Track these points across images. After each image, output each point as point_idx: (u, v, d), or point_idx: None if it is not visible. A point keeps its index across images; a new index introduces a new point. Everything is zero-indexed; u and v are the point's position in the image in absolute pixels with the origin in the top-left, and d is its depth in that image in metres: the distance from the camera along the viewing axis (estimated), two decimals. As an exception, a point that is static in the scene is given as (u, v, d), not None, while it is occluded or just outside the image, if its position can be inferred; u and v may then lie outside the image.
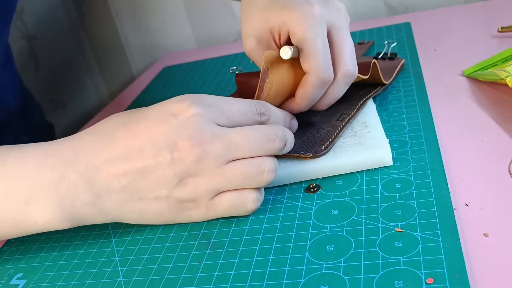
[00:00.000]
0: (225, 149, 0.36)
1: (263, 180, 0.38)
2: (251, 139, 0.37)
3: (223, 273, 0.35)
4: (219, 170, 0.37)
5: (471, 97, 0.50)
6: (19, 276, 0.40)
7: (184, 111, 0.37)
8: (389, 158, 0.41)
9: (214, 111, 0.37)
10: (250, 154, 0.37)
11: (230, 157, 0.37)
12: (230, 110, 0.38)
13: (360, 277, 0.31)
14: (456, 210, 0.35)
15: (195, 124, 0.36)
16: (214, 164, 0.36)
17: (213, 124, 0.37)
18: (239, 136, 0.37)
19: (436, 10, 0.78)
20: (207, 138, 0.36)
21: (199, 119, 0.36)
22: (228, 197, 0.38)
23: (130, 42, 1.03)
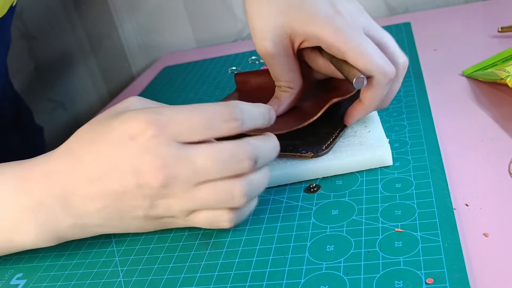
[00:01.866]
0: (192, 174, 0.34)
1: (235, 205, 0.36)
2: (219, 163, 0.34)
3: (223, 273, 0.35)
4: (188, 194, 0.35)
5: (471, 97, 0.50)
6: (19, 276, 0.40)
7: (141, 134, 0.34)
8: (389, 158, 0.41)
9: (172, 129, 0.34)
10: (220, 174, 0.35)
11: (198, 180, 0.35)
12: (190, 125, 0.35)
13: (360, 277, 0.31)
14: (456, 210, 0.35)
15: (155, 148, 0.34)
16: (182, 188, 0.35)
17: (174, 143, 0.34)
18: (205, 160, 0.34)
19: (436, 10, 0.78)
20: (170, 162, 0.34)
21: (157, 141, 0.34)
22: (203, 215, 0.37)
23: (130, 42, 1.03)
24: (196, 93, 0.70)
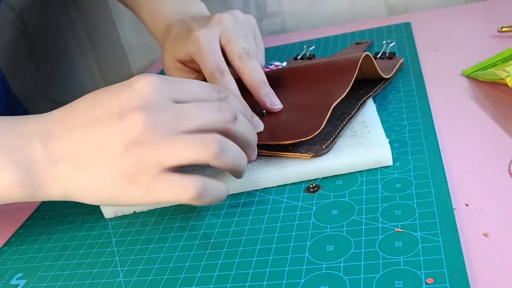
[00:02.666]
0: (175, 119, 0.36)
1: (206, 153, 0.36)
2: (202, 109, 0.37)
3: (223, 273, 0.35)
4: (165, 139, 0.36)
5: (471, 97, 0.50)
6: (19, 276, 0.40)
7: (141, 82, 0.37)
8: (389, 158, 0.41)
9: (171, 86, 0.38)
10: (200, 124, 0.37)
11: (180, 127, 0.36)
12: (188, 85, 0.39)
13: (360, 277, 0.31)
14: (456, 210, 0.35)
15: (149, 94, 0.37)
16: (162, 133, 0.36)
17: (168, 97, 0.37)
18: (191, 107, 0.37)
19: (436, 10, 0.78)
20: (159, 107, 0.36)
21: (153, 89, 0.37)
22: (167, 177, 0.36)
23: (130, 42, 1.03)
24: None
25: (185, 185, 0.36)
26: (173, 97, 0.38)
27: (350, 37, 0.74)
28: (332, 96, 0.46)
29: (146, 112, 0.36)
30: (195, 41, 0.51)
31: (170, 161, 0.36)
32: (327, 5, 0.87)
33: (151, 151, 0.36)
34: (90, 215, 0.46)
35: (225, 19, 0.53)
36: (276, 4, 0.89)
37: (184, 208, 0.43)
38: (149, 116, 0.36)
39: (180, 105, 0.37)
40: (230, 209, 0.41)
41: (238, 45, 0.51)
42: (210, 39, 0.51)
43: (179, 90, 0.38)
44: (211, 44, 0.51)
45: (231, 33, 0.52)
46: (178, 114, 0.37)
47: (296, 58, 0.68)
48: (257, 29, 0.57)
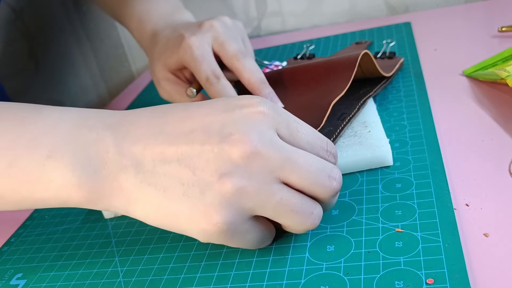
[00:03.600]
0: (280, 164, 0.31)
1: (306, 224, 0.33)
2: (312, 166, 0.32)
3: (223, 273, 0.35)
4: (267, 186, 0.31)
5: (471, 97, 0.50)
6: (19, 276, 0.40)
7: (250, 106, 0.33)
8: (389, 158, 0.41)
9: (281, 120, 0.33)
10: (305, 182, 0.32)
11: (282, 176, 0.31)
12: (297, 128, 0.33)
13: (360, 278, 0.31)
14: (456, 210, 0.35)
15: (258, 123, 0.32)
16: (263, 175, 0.31)
17: (275, 132, 0.32)
18: (300, 157, 0.32)
19: (436, 10, 0.78)
20: (266, 142, 0.31)
21: (263, 118, 0.32)
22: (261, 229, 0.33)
23: (130, 42, 1.03)
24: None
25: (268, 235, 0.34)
26: (280, 133, 0.33)
27: (350, 37, 0.74)
28: (331, 95, 0.46)
29: (251, 143, 0.31)
30: (187, 48, 0.51)
31: (267, 213, 0.32)
32: (327, 5, 0.87)
33: (248, 193, 0.31)
34: (90, 215, 0.46)
35: (215, 24, 0.53)
36: (276, 4, 0.89)
37: (184, 208, 0.43)
38: (254, 149, 0.31)
39: (289, 148, 0.32)
40: (230, 209, 0.41)
41: (232, 46, 0.51)
42: (203, 45, 0.51)
43: (288, 128, 0.33)
44: (204, 50, 0.51)
45: (223, 36, 0.52)
46: (285, 158, 0.31)
47: (296, 58, 0.68)
48: (245, 33, 0.57)
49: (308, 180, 0.32)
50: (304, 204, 0.32)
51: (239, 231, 0.32)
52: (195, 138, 0.32)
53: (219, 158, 0.31)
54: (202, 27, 0.53)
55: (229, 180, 0.30)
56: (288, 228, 0.34)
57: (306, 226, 0.33)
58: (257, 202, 0.31)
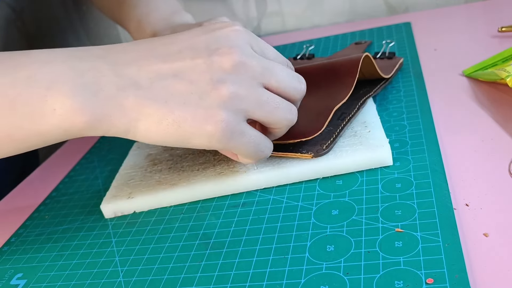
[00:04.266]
0: (262, 71, 0.36)
1: (287, 122, 0.39)
2: (284, 71, 0.38)
3: (223, 273, 0.35)
4: (254, 89, 0.36)
5: (471, 97, 0.50)
6: (19, 276, 0.40)
7: (227, 26, 0.37)
8: (389, 158, 0.41)
9: (253, 37, 0.38)
10: (281, 85, 0.38)
11: (264, 81, 0.37)
12: (264, 46, 0.39)
13: (360, 277, 0.31)
14: (456, 210, 0.35)
15: (238, 38, 0.37)
16: (251, 81, 0.36)
17: (250, 47, 0.37)
18: (275, 66, 0.38)
19: (436, 10, 0.78)
20: (248, 54, 0.36)
21: (240, 35, 0.37)
22: (249, 130, 0.37)
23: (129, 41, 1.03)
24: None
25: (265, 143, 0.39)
26: (253, 48, 0.38)
27: (350, 37, 0.74)
28: (333, 100, 0.46)
29: (237, 53, 0.36)
30: None
31: (256, 113, 0.37)
32: (327, 5, 0.87)
33: (240, 95, 0.35)
34: (90, 215, 0.46)
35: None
36: (276, 4, 0.89)
37: (184, 208, 0.43)
38: (240, 58, 0.36)
39: (265, 59, 0.37)
40: (230, 209, 0.41)
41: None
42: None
43: (258, 45, 0.38)
44: None
45: None
46: (265, 66, 0.37)
47: (296, 58, 0.68)
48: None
49: (284, 83, 0.38)
50: (284, 102, 0.38)
51: (237, 131, 0.36)
52: (186, 55, 0.36)
53: (211, 69, 0.35)
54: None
55: (223, 86, 0.35)
56: (275, 128, 0.39)
57: (288, 121, 0.39)
58: (249, 103, 0.36)
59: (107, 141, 0.61)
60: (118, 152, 0.57)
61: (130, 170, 0.50)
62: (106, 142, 0.61)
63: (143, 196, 0.44)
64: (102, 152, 0.59)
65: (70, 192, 0.52)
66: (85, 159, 0.58)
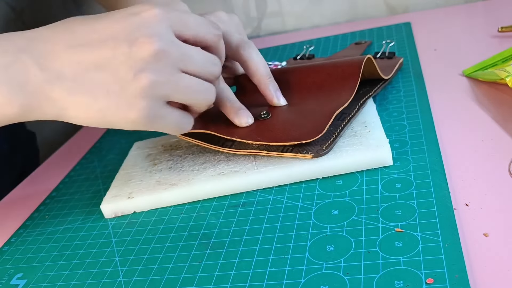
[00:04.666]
0: (180, 57, 0.38)
1: (206, 101, 0.41)
2: (202, 57, 0.40)
3: (223, 273, 0.35)
4: (174, 76, 0.38)
5: (471, 97, 0.50)
6: (19, 276, 0.40)
7: (146, 10, 0.38)
8: (389, 158, 0.41)
9: (173, 17, 0.39)
10: (198, 69, 0.39)
11: (183, 66, 0.38)
12: (188, 20, 0.40)
13: (360, 277, 0.31)
14: (456, 210, 0.35)
15: (157, 25, 0.37)
16: (170, 68, 0.37)
17: (170, 30, 0.38)
18: (193, 51, 0.39)
19: (436, 10, 0.78)
20: (167, 41, 0.37)
21: (159, 19, 0.38)
22: (170, 110, 0.39)
23: (130, 42, 1.03)
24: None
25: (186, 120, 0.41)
26: (174, 28, 0.39)
27: (350, 37, 0.74)
28: (334, 103, 0.46)
29: (156, 42, 0.36)
30: None
31: (176, 97, 0.39)
32: (327, 5, 0.87)
33: (161, 83, 0.37)
34: (90, 215, 0.46)
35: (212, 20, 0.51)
36: (276, 4, 0.89)
37: (184, 208, 0.43)
38: (159, 47, 0.37)
39: (185, 45, 0.39)
40: (230, 209, 0.41)
41: (234, 37, 0.50)
42: None
43: (179, 23, 0.39)
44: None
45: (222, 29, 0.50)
46: (183, 52, 0.38)
47: (296, 58, 0.68)
48: (241, 27, 0.56)
49: (201, 68, 0.40)
50: (202, 85, 0.40)
51: (160, 115, 0.38)
52: (107, 45, 0.37)
53: (131, 59, 0.36)
54: None
55: (143, 75, 0.36)
56: (195, 107, 0.41)
57: (207, 101, 0.41)
58: (169, 89, 0.38)
59: (107, 141, 0.61)
60: (118, 152, 0.57)
61: (130, 170, 0.50)
62: (106, 142, 0.61)
63: (143, 196, 0.44)
64: (102, 152, 0.59)
65: (70, 192, 0.52)
66: (85, 159, 0.58)
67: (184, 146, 0.51)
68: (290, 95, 0.49)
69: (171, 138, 0.54)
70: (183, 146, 0.51)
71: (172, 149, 0.51)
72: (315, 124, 0.43)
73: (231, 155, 0.46)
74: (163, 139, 0.55)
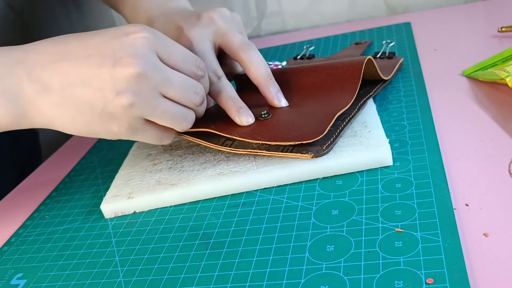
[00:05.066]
0: (161, 82, 0.40)
1: (183, 126, 0.43)
2: (183, 84, 0.41)
3: (223, 273, 0.35)
4: (153, 99, 0.40)
5: (471, 97, 0.50)
6: (19, 276, 0.40)
7: (135, 32, 0.40)
8: (389, 158, 0.41)
9: (160, 43, 0.41)
10: (178, 96, 0.41)
11: (163, 91, 0.40)
12: (173, 49, 0.42)
13: (360, 277, 0.31)
14: (456, 210, 0.35)
15: (143, 47, 0.39)
16: (150, 91, 0.39)
17: (155, 54, 0.40)
18: (175, 77, 0.41)
19: (436, 10, 0.78)
20: (150, 64, 0.39)
21: (147, 42, 0.39)
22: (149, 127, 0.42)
23: (130, 42, 1.03)
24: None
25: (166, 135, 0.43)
26: (159, 54, 0.40)
27: (350, 37, 0.74)
28: (335, 104, 0.46)
29: (139, 64, 0.38)
30: (186, 42, 0.50)
31: (154, 119, 0.41)
32: (327, 5, 0.87)
33: (140, 105, 0.39)
34: (90, 215, 0.46)
35: (214, 17, 0.51)
36: (276, 4, 0.89)
37: (184, 208, 0.43)
38: (141, 70, 0.38)
39: (166, 69, 0.40)
40: (230, 209, 0.41)
41: (236, 37, 0.50)
42: (203, 41, 0.50)
43: (165, 50, 0.41)
44: (205, 45, 0.50)
45: (224, 28, 0.51)
46: (164, 77, 0.40)
47: (296, 58, 0.68)
48: (242, 26, 0.55)
49: (181, 95, 0.41)
50: (180, 112, 0.42)
51: (140, 130, 0.41)
52: (93, 62, 0.39)
53: (114, 78, 0.38)
54: (201, 20, 0.51)
55: (124, 96, 0.39)
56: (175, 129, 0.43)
57: (182, 128, 0.43)
58: (147, 111, 0.40)
59: (107, 141, 0.61)
60: (118, 152, 0.57)
61: (130, 170, 0.50)
62: (106, 142, 0.61)
63: (143, 196, 0.44)
64: (102, 152, 0.59)
65: (70, 192, 0.52)
66: (85, 159, 0.58)
67: (184, 146, 0.51)
68: (290, 96, 0.49)
69: (171, 138, 0.54)
70: (183, 146, 0.51)
71: (172, 149, 0.51)
72: (316, 125, 0.43)
73: (231, 155, 0.46)
74: (163, 139, 0.55)
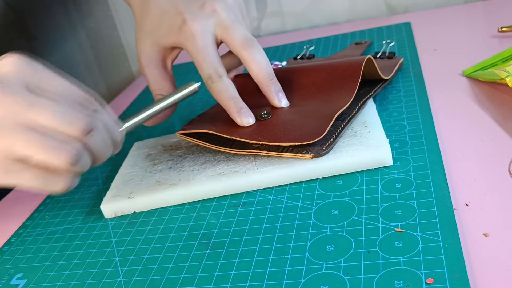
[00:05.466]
0: (25, 107, 0.35)
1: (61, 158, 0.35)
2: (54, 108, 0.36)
3: (223, 273, 0.35)
4: (17, 127, 0.34)
5: (471, 97, 0.50)
6: (19, 276, 0.40)
7: (5, 59, 0.36)
8: (389, 158, 0.41)
9: (33, 74, 0.37)
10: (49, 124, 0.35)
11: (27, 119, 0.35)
12: (52, 81, 0.37)
13: (360, 277, 0.31)
14: (456, 210, 0.35)
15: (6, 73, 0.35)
16: (10, 119, 0.34)
17: (22, 83, 0.36)
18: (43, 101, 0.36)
19: (436, 10, 0.78)
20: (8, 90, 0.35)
21: (12, 70, 0.36)
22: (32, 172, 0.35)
23: (130, 42, 1.03)
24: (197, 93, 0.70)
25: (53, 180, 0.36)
26: (28, 86, 0.36)
27: (350, 37, 0.74)
28: (335, 104, 0.46)
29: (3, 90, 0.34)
30: (189, 36, 0.48)
31: (22, 152, 0.35)
32: (327, 5, 0.87)
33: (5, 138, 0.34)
34: (90, 215, 0.46)
35: (217, 8, 0.49)
36: (276, 4, 0.89)
37: (184, 208, 0.43)
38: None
39: (31, 95, 0.35)
40: (230, 209, 0.41)
41: (238, 33, 0.48)
42: (206, 34, 0.48)
43: (39, 82, 0.36)
44: (207, 40, 0.48)
45: (227, 21, 0.49)
46: (26, 103, 0.35)
47: (296, 58, 0.68)
48: (245, 13, 0.54)
49: (55, 124, 0.35)
50: (54, 141, 0.35)
51: (12, 171, 0.35)
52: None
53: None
54: (204, 10, 0.49)
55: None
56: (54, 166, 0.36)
57: (61, 161, 0.35)
58: (9, 143, 0.34)
59: (107, 141, 0.61)
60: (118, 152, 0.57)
61: (130, 170, 0.50)
62: (106, 142, 0.61)
63: (143, 196, 0.44)
64: (102, 152, 0.59)
65: (70, 192, 0.52)
66: (85, 159, 0.58)
67: (184, 146, 0.51)
68: (290, 96, 0.49)
69: (171, 138, 0.54)
70: (183, 146, 0.51)
71: (172, 149, 0.51)
72: (316, 125, 0.43)
73: (231, 155, 0.46)
74: (163, 139, 0.55)
